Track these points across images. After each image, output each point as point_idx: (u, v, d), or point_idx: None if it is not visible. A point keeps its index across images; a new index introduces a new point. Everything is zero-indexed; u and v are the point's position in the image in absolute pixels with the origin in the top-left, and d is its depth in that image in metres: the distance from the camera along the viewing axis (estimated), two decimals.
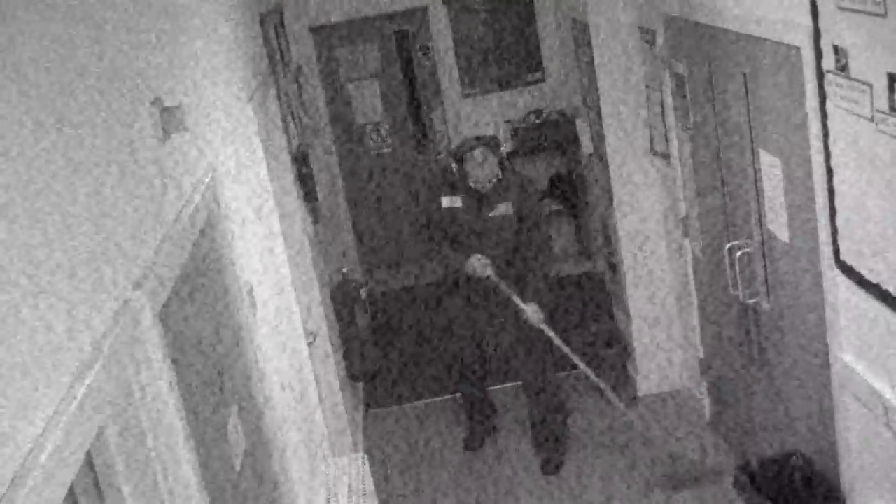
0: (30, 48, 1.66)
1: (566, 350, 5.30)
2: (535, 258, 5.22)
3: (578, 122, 6.60)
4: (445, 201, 5.23)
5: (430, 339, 7.08)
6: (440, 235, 5.28)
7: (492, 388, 6.07)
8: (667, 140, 5.28)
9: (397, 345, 7.34)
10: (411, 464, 5.77)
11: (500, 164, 5.18)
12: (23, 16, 1.65)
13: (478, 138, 5.19)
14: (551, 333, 5.26)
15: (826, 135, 3.38)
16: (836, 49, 3.19)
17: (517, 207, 5.17)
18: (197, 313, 2.59)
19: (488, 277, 5.17)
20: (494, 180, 5.14)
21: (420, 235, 5.54)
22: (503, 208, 5.16)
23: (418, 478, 5.63)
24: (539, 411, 5.50)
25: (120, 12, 2.27)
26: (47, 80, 1.71)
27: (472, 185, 5.15)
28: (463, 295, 5.40)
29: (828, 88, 3.31)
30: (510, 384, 6.26)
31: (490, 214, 5.17)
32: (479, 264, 5.13)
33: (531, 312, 5.19)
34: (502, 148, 5.32)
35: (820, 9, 3.25)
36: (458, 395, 5.96)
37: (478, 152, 5.08)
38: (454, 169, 5.24)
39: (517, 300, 5.18)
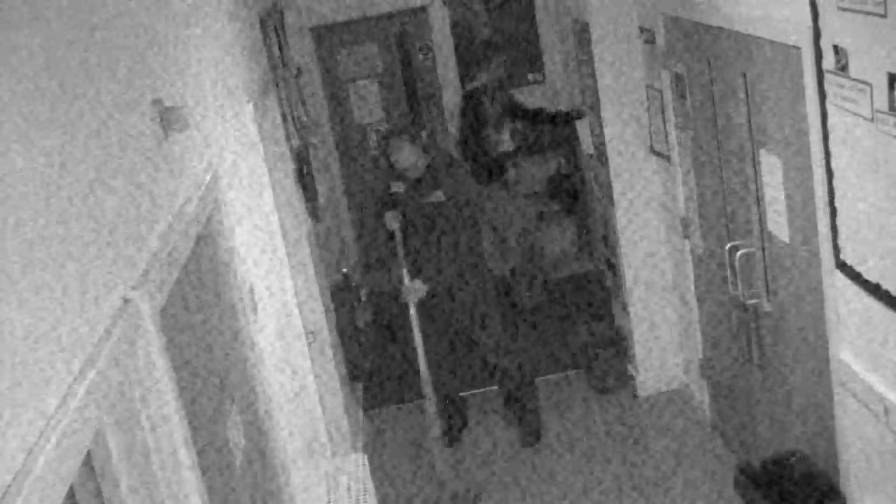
0: (30, 48, 1.66)
1: (417, 339, 5.41)
2: (451, 244, 5.40)
3: (578, 122, 6.61)
4: (393, 186, 5.48)
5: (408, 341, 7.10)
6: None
7: (471, 391, 6.21)
8: (667, 140, 5.28)
9: (397, 345, 7.34)
10: (411, 464, 5.77)
11: (427, 150, 5.38)
12: (23, 16, 1.65)
13: (398, 129, 5.44)
14: (412, 315, 5.38)
15: (826, 135, 3.38)
16: (836, 49, 3.19)
17: (449, 194, 5.36)
18: (197, 313, 2.59)
19: (394, 232, 5.40)
20: (422, 166, 5.33)
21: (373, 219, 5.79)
22: (435, 195, 5.37)
23: (417, 477, 5.63)
24: (510, 386, 5.69)
25: (120, 13, 2.27)
26: (47, 80, 1.71)
27: (400, 171, 5.34)
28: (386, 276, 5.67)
29: (828, 88, 3.31)
30: (488, 388, 6.30)
31: (424, 199, 5.39)
32: (391, 216, 5.35)
33: (407, 287, 5.36)
34: (421, 136, 5.49)
35: (820, 9, 3.25)
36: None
37: (394, 141, 5.30)
38: (381, 161, 5.58)
39: (404, 271, 5.37)
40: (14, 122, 1.52)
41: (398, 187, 5.45)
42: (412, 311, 5.41)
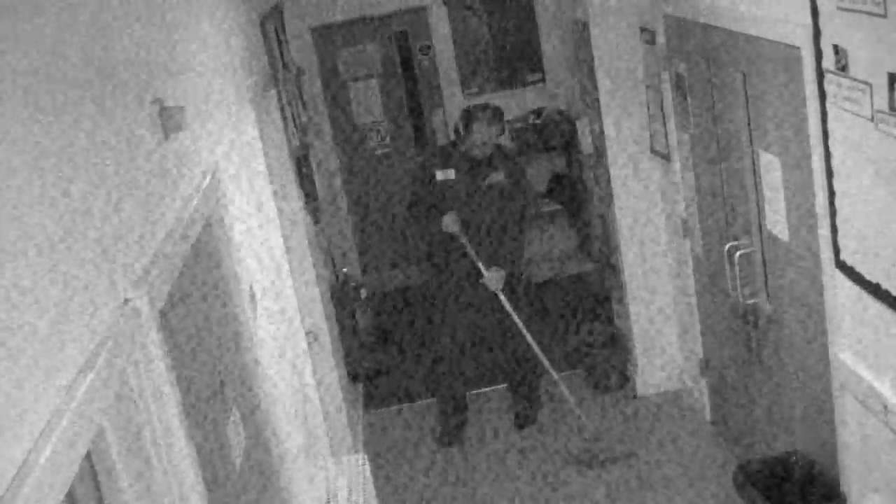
0: (30, 48, 1.66)
1: (520, 325, 5.59)
2: (517, 228, 5.55)
3: (578, 122, 6.60)
4: (440, 175, 5.51)
5: (424, 340, 7.11)
6: (427, 213, 5.55)
7: (475, 391, 6.24)
8: (667, 140, 5.28)
9: (397, 345, 7.34)
10: (411, 464, 5.77)
11: (501, 133, 5.50)
12: (23, 16, 1.65)
13: (485, 105, 5.51)
14: (506, 303, 5.54)
15: (826, 135, 3.38)
16: (836, 49, 3.19)
17: (509, 177, 5.49)
18: (197, 313, 2.59)
19: (456, 235, 5.46)
20: (493, 148, 5.45)
21: (408, 214, 5.79)
22: (496, 177, 5.48)
23: (417, 477, 5.63)
24: (516, 370, 5.87)
25: (120, 12, 2.27)
26: (47, 80, 1.71)
27: (473, 149, 5.41)
28: (448, 287, 5.65)
29: (828, 88, 3.31)
30: (491, 388, 6.34)
31: (485, 182, 5.47)
32: (449, 220, 5.42)
33: (489, 277, 5.48)
34: (503, 117, 5.57)
35: (820, 9, 3.25)
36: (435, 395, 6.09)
37: (484, 115, 5.39)
38: (458, 129, 5.54)
39: (479, 263, 5.46)
40: (13, 123, 1.52)
41: (446, 174, 5.49)
42: (502, 297, 5.53)
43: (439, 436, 5.90)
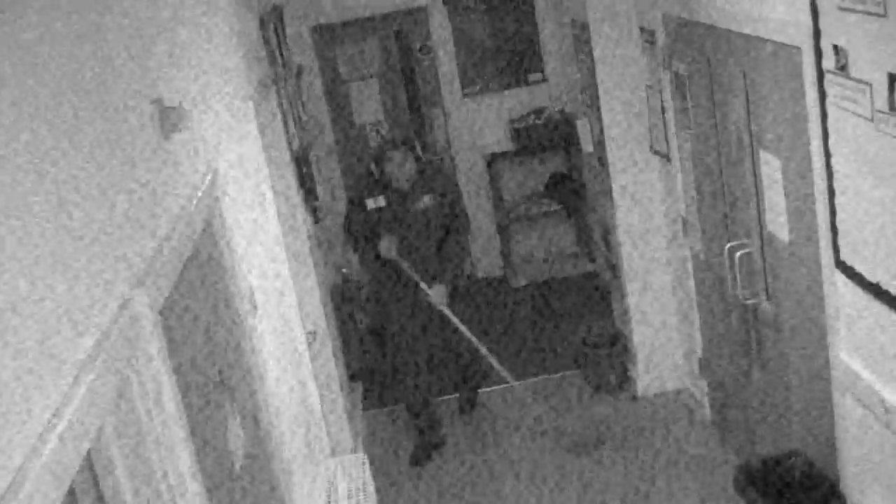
0: (30, 49, 1.66)
1: (467, 333, 5.67)
2: (454, 243, 5.65)
3: (578, 122, 6.60)
4: (370, 203, 5.58)
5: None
6: (363, 237, 5.65)
7: (441, 398, 6.26)
8: (667, 140, 5.28)
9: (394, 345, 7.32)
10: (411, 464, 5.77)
11: (417, 161, 5.58)
12: (23, 16, 1.65)
13: (392, 141, 5.61)
14: (452, 316, 5.64)
15: (826, 135, 3.38)
16: (836, 49, 3.19)
17: (438, 199, 5.58)
18: (197, 313, 2.58)
19: (393, 259, 5.55)
20: (414, 177, 5.53)
21: (345, 236, 5.90)
22: (426, 200, 5.57)
23: (418, 478, 5.63)
24: (459, 361, 6.03)
25: (120, 12, 2.27)
26: (47, 80, 1.71)
27: (394, 184, 5.51)
28: (393, 306, 5.73)
29: (828, 88, 3.31)
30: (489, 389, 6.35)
31: (415, 208, 5.55)
32: (385, 245, 5.50)
33: (434, 294, 5.56)
34: (416, 147, 5.69)
35: (820, 9, 3.25)
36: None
37: (396, 154, 5.47)
38: (374, 171, 5.64)
39: (421, 282, 5.54)
40: (14, 123, 1.52)
41: (377, 202, 5.57)
42: (447, 312, 5.62)
43: (410, 454, 5.83)
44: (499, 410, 6.16)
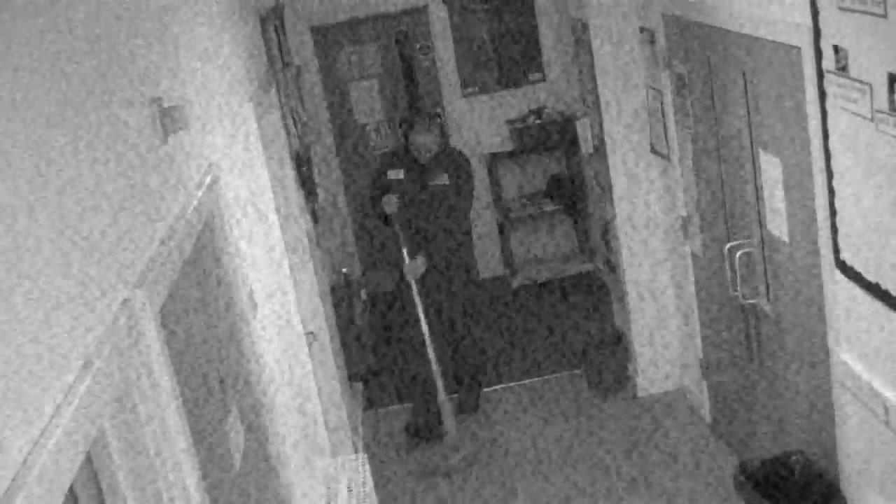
0: (29, 48, 1.66)
1: (421, 316, 5.71)
2: (458, 227, 5.83)
3: (578, 122, 6.60)
4: (391, 173, 5.90)
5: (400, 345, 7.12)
6: (379, 204, 5.85)
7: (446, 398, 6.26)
8: (667, 140, 5.28)
9: (396, 344, 7.33)
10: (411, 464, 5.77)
11: (442, 136, 5.89)
12: (22, 16, 1.65)
13: (423, 114, 6.02)
14: (415, 294, 5.70)
15: (826, 135, 3.38)
16: (836, 49, 3.19)
17: (453, 180, 5.79)
18: (197, 313, 2.59)
19: (392, 215, 5.74)
20: (435, 150, 5.78)
21: (370, 208, 6.10)
22: (439, 179, 5.80)
23: (417, 477, 5.63)
24: (462, 357, 6.09)
25: (120, 12, 2.27)
26: (47, 80, 1.71)
27: (414, 153, 5.78)
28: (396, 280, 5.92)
29: (827, 88, 3.31)
30: (492, 388, 6.35)
31: (429, 183, 5.79)
32: (389, 199, 5.72)
33: (409, 264, 5.71)
34: (442, 123, 6.00)
35: (820, 9, 3.25)
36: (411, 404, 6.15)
37: (423, 123, 5.80)
38: (402, 137, 5.94)
39: (404, 250, 5.72)
40: (13, 123, 1.52)
41: (397, 174, 5.85)
42: (414, 288, 5.72)
43: (408, 432, 5.99)
44: (499, 411, 6.16)
